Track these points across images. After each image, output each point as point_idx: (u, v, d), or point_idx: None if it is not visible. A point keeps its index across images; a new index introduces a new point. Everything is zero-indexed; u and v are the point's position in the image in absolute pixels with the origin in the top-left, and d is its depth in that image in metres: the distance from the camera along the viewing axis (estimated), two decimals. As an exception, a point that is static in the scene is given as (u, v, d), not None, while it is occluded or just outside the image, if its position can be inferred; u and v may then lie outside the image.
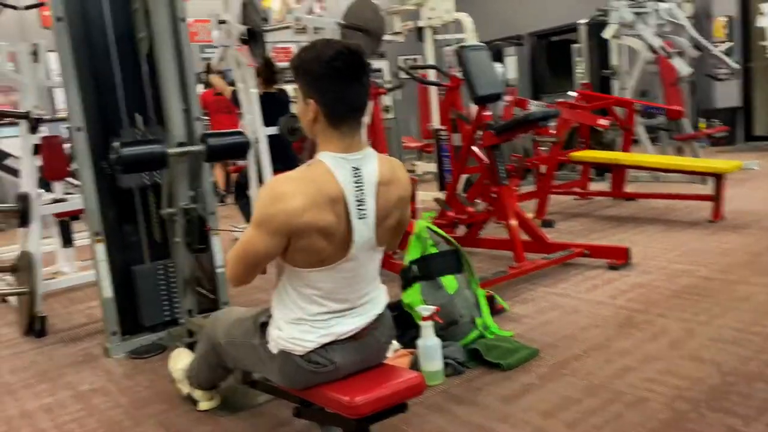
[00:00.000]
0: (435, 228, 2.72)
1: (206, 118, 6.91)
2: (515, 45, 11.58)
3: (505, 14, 11.81)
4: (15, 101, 7.76)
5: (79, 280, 4.09)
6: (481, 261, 4.00)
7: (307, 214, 1.53)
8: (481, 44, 3.54)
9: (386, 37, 6.46)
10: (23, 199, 3.52)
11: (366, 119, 4.45)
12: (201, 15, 5.09)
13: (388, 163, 1.70)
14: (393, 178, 1.68)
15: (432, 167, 6.23)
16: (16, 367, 2.97)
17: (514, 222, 3.47)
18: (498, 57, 11.32)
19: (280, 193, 1.54)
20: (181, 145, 2.60)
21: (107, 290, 2.98)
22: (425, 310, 2.34)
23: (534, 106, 4.88)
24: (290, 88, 5.66)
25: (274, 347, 1.73)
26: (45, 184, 4.60)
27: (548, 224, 4.79)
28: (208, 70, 6.26)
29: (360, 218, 1.60)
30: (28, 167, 3.62)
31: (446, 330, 2.54)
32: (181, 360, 2.37)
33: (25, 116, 3.54)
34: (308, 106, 1.60)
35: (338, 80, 1.56)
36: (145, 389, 2.56)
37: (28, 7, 3.93)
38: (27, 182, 3.62)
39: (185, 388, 2.33)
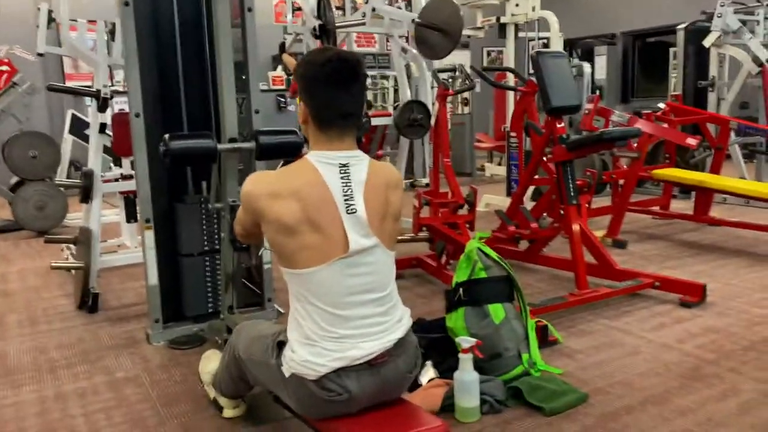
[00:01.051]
0: (487, 249, 2.54)
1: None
2: (608, 44, 11.03)
3: (600, 11, 11.25)
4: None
5: (138, 257, 4.14)
6: (541, 280, 3.78)
7: (264, 201, 1.59)
8: (561, 52, 3.30)
9: (466, 32, 6.25)
10: (87, 176, 3.58)
11: (431, 120, 4.29)
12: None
13: (380, 167, 1.72)
14: (387, 180, 1.69)
15: (502, 170, 6.00)
16: (62, 344, 3.03)
17: (578, 245, 3.22)
18: (588, 55, 10.85)
19: (252, 178, 1.66)
20: (231, 141, 2.54)
21: (153, 277, 2.98)
22: (465, 341, 2.17)
23: (617, 117, 4.55)
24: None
25: (287, 370, 1.65)
26: (116, 159, 4.71)
27: (620, 245, 4.48)
28: (282, 50, 6.25)
29: (349, 213, 1.59)
30: (95, 145, 3.68)
31: (488, 363, 2.37)
32: (210, 363, 2.32)
33: (95, 94, 3.59)
34: (301, 108, 1.67)
35: (326, 86, 1.61)
36: (176, 384, 2.53)
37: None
38: (92, 159, 3.68)
39: (212, 393, 2.28)
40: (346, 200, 1.60)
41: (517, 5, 5.23)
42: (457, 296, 2.47)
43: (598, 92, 10.44)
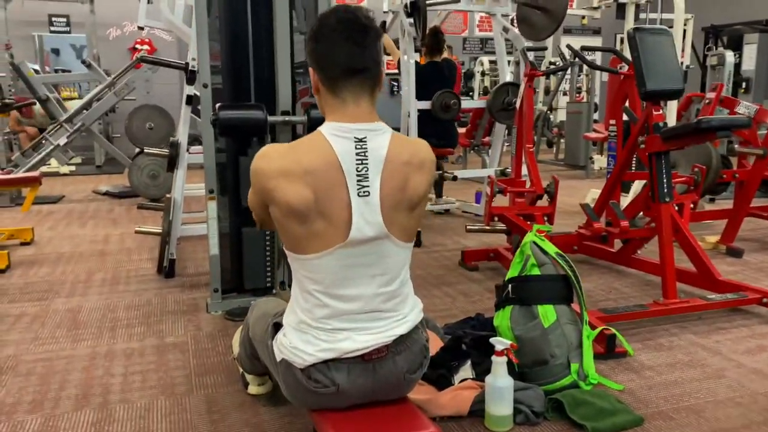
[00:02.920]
0: (545, 244, 2.29)
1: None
2: (761, 31, 9.85)
3: (753, -6, 10.07)
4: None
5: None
6: (630, 285, 3.40)
7: (274, 180, 1.43)
8: (665, 28, 2.90)
9: (581, 12, 5.80)
10: (174, 146, 3.71)
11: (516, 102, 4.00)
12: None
13: (407, 142, 1.51)
14: (411, 158, 1.48)
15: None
16: (132, 304, 3.16)
17: (668, 247, 2.84)
18: (736, 44, 9.75)
19: (262, 153, 1.49)
20: (284, 113, 2.48)
21: (214, 247, 3.02)
22: (499, 343, 1.96)
23: (743, 108, 3.99)
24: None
25: (278, 354, 1.55)
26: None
27: (735, 253, 3.96)
28: (383, 29, 6.16)
29: (361, 195, 1.42)
30: (183, 116, 3.79)
31: (532, 369, 2.13)
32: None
33: (183, 68, 3.70)
34: (311, 75, 1.50)
35: (329, 39, 1.43)
36: (217, 355, 2.54)
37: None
38: (180, 130, 3.80)
39: (240, 368, 2.25)
40: (359, 180, 1.42)
41: (638, -18, 4.75)
42: (506, 293, 2.25)
43: (744, 84, 9.40)
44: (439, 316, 2.85)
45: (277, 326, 1.61)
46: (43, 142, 6.22)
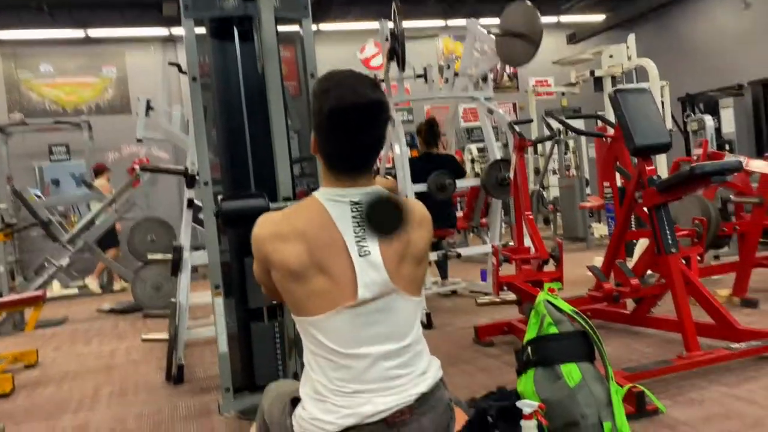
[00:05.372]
0: (558, 302, 2.26)
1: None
2: (733, 95, 10.23)
3: (721, 62, 10.55)
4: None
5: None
6: (651, 345, 3.33)
7: (270, 244, 1.45)
8: (643, 87, 3.02)
9: (561, 89, 6.03)
10: (177, 250, 3.73)
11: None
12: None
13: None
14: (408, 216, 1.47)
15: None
16: (141, 413, 3.06)
17: (683, 299, 2.81)
18: (712, 109, 10.09)
19: (259, 222, 1.50)
20: (286, 199, 2.52)
21: (223, 344, 2.95)
22: (527, 406, 1.88)
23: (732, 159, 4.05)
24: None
25: (297, 429, 1.48)
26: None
27: (751, 303, 3.90)
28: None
29: (362, 255, 1.42)
30: (185, 220, 3.84)
31: (563, 432, 2.04)
32: (259, 430, 2.19)
33: (183, 173, 3.79)
34: (312, 138, 1.52)
35: (336, 135, 1.44)
36: (234, 455, 2.43)
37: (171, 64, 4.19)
38: (182, 234, 3.83)
39: (259, 461, 2.14)
40: (358, 242, 1.43)
41: (611, 56, 4.98)
42: (526, 356, 2.19)
43: (728, 147, 9.63)
44: (459, 394, 2.75)
45: (295, 401, 1.55)
46: (45, 264, 6.24)
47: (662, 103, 5.84)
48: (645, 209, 3.00)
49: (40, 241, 7.57)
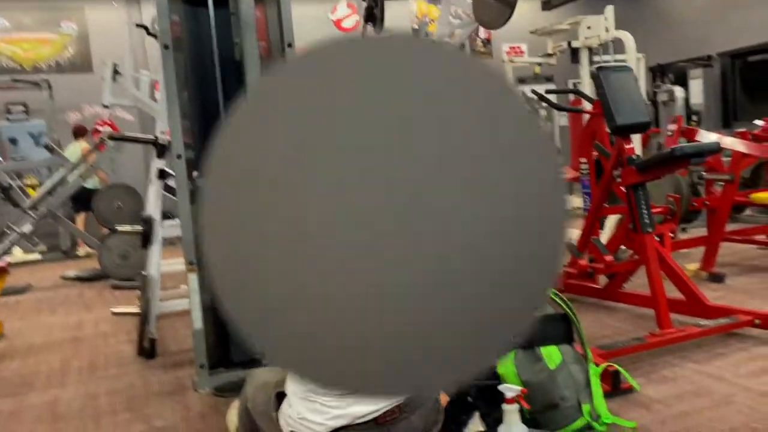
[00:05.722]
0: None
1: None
2: (703, 66, 10.34)
3: (692, 33, 10.61)
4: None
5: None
6: (623, 320, 3.38)
7: None
8: (626, 65, 3.00)
9: (537, 59, 5.99)
10: (147, 221, 3.62)
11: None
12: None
13: None
14: None
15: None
16: (113, 390, 3.00)
17: (657, 277, 2.85)
18: (682, 80, 10.20)
19: None
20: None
21: (198, 321, 2.89)
22: (509, 390, 1.90)
23: (704, 137, 4.12)
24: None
25: (285, 427, 1.46)
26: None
27: (717, 278, 3.99)
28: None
29: None
30: (154, 191, 3.73)
31: (543, 414, 2.07)
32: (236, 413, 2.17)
33: (152, 142, 3.66)
34: None
35: None
36: (211, 435, 2.41)
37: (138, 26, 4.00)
38: (152, 206, 3.72)
39: (238, 445, 2.13)
40: None
41: (588, 27, 4.94)
42: (507, 338, 2.19)
43: (695, 118, 9.76)
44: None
45: (281, 396, 1.52)
46: (7, 231, 6.03)
47: (637, 76, 5.86)
48: (622, 188, 3.01)
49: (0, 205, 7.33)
